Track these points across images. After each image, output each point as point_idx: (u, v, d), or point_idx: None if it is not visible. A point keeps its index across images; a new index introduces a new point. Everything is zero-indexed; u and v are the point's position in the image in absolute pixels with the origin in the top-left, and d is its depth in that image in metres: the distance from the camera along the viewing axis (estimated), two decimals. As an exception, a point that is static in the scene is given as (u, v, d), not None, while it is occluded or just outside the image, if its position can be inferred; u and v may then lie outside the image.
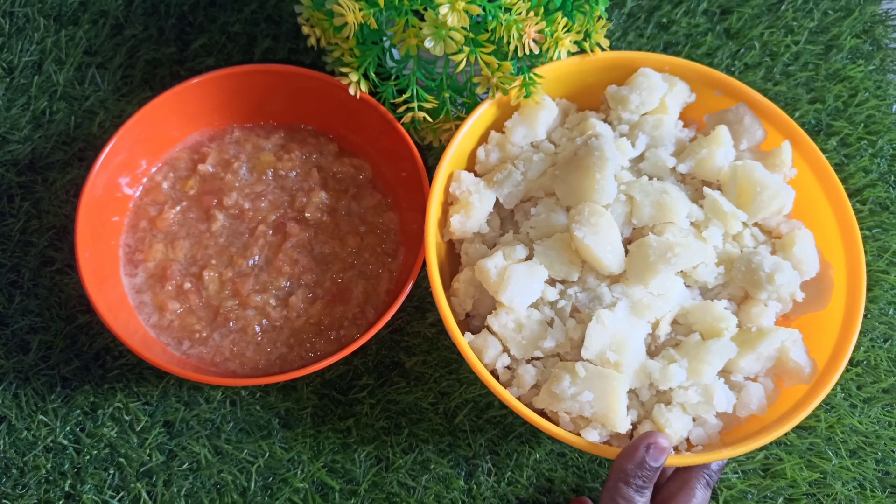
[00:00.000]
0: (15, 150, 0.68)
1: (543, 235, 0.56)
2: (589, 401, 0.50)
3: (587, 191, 0.55)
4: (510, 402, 0.51)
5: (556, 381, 0.51)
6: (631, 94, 0.60)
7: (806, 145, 0.59)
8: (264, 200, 0.64)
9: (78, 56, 0.71)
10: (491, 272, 0.54)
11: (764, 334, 0.53)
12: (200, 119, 0.66)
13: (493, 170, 0.60)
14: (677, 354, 0.52)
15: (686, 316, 0.55)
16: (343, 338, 0.60)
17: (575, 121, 0.62)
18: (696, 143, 0.59)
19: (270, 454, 0.60)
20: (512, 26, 0.55)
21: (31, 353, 0.62)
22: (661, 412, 0.52)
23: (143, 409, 0.61)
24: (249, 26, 0.73)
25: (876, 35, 0.77)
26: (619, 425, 0.51)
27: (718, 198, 0.56)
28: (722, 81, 0.61)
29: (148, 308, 0.61)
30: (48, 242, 0.65)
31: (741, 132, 0.60)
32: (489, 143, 0.61)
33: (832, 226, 0.58)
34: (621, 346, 0.51)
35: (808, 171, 0.59)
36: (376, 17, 0.56)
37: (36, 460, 0.59)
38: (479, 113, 0.59)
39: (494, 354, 0.54)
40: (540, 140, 0.61)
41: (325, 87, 0.64)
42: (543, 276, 0.54)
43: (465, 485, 0.60)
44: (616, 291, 0.54)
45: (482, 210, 0.58)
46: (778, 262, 0.54)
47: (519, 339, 0.54)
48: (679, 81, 0.61)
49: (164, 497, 0.58)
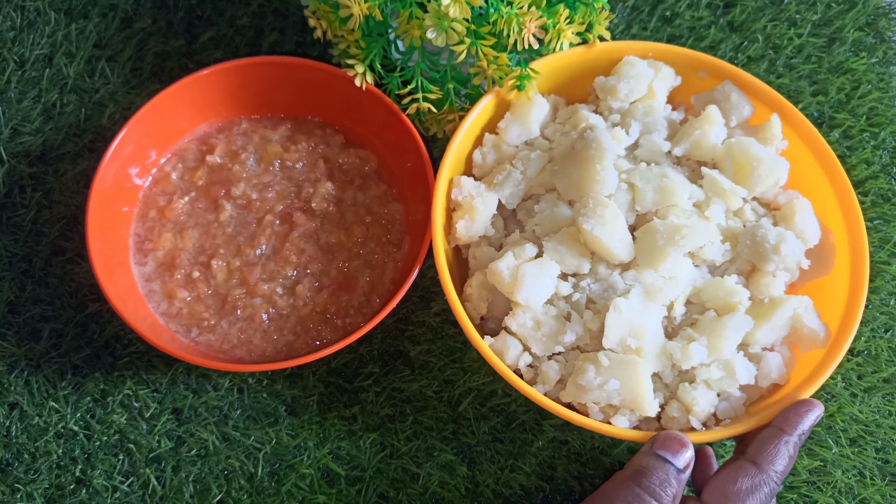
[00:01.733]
0: (26, 141, 0.69)
1: (550, 231, 0.57)
2: (616, 389, 0.51)
3: (589, 183, 0.55)
4: (540, 400, 0.52)
5: (580, 374, 0.52)
6: (619, 83, 0.60)
7: (794, 117, 0.60)
8: (271, 191, 0.65)
9: (88, 49, 0.72)
10: (504, 273, 0.54)
11: (777, 304, 0.54)
12: (209, 111, 0.67)
13: (491, 171, 0.60)
14: (695, 333, 0.53)
15: (698, 295, 0.56)
16: (349, 326, 0.61)
17: (566, 114, 0.62)
18: (688, 125, 0.60)
19: (277, 441, 0.61)
20: (513, 19, 0.56)
21: (42, 341, 0.63)
22: (686, 391, 0.53)
23: (153, 396, 0.62)
24: (257, 19, 0.74)
25: (879, 28, 0.78)
26: (648, 409, 0.52)
27: (717, 176, 0.57)
28: (705, 62, 0.62)
29: (157, 296, 0.62)
30: (59, 232, 0.66)
31: (729, 110, 0.61)
32: (484, 146, 0.61)
33: (828, 193, 0.59)
34: (640, 331, 0.52)
35: (799, 141, 0.60)
36: (381, 8, 0.57)
37: (47, 446, 0.60)
38: (483, 104, 0.60)
39: (516, 354, 0.54)
40: (534, 137, 0.62)
41: (331, 79, 0.64)
42: (556, 272, 0.55)
43: (468, 472, 0.61)
44: (628, 278, 0.55)
45: (486, 213, 0.58)
46: (782, 233, 0.55)
47: (539, 337, 0.54)
48: (664, 66, 0.62)
49: (172, 483, 0.59)
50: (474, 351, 0.63)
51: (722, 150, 0.59)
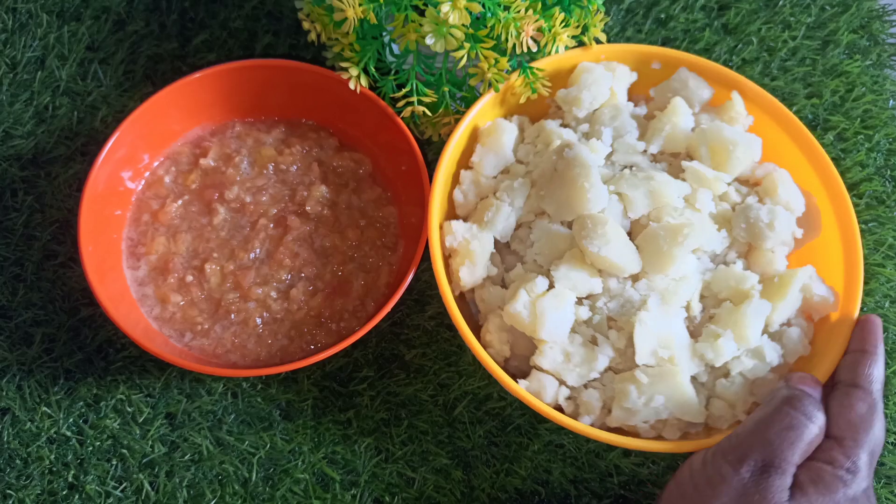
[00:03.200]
0: (18, 144, 0.68)
1: (552, 258, 0.56)
2: (662, 404, 0.51)
3: (580, 202, 0.54)
4: (594, 434, 0.51)
5: (623, 397, 0.51)
6: (581, 92, 0.60)
7: (754, 92, 0.61)
8: (265, 194, 0.65)
9: (80, 52, 0.72)
10: (522, 314, 0.53)
11: (787, 281, 0.54)
12: (202, 114, 0.67)
13: (476, 208, 0.59)
14: (718, 328, 0.53)
15: (709, 287, 0.56)
16: (343, 330, 0.61)
17: (534, 133, 0.62)
18: (657, 121, 0.60)
19: (271, 445, 0.60)
20: (511, 24, 0.56)
21: (34, 346, 0.62)
22: (724, 387, 0.53)
23: (146, 400, 0.61)
24: (250, 22, 0.74)
25: (873, 30, 0.78)
26: (697, 415, 0.52)
27: (699, 167, 0.57)
28: (656, 53, 0.63)
29: (150, 300, 0.61)
30: (51, 236, 0.66)
31: (690, 96, 0.61)
32: (463, 184, 0.60)
33: (803, 164, 0.60)
34: (668, 340, 0.52)
35: (765, 118, 0.61)
36: (376, 12, 0.57)
37: (39, 451, 0.59)
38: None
39: (553, 391, 0.54)
40: (510, 164, 0.61)
41: (325, 82, 0.64)
42: (572, 300, 0.54)
43: (463, 476, 0.60)
44: (641, 288, 0.54)
45: (484, 254, 0.57)
46: (772, 209, 0.56)
47: (571, 368, 0.53)
48: (618, 65, 0.62)
49: (166, 488, 0.59)
50: (469, 354, 0.63)
51: (695, 139, 0.59)
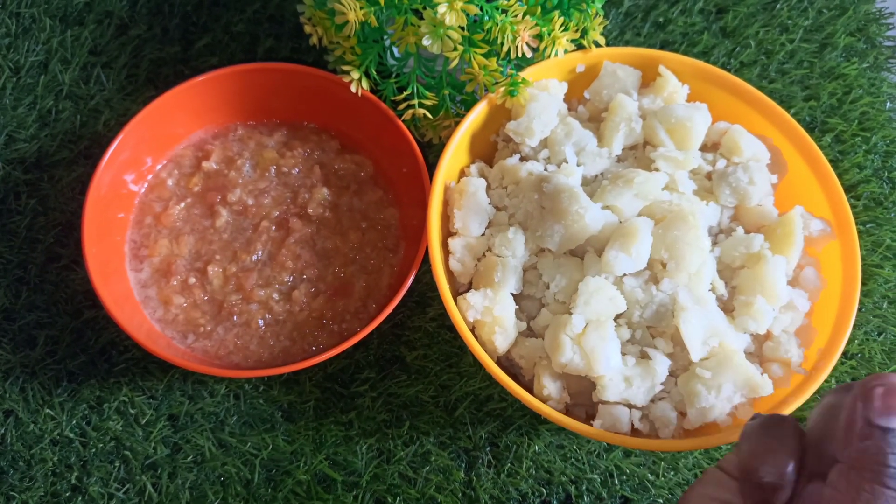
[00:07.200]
0: (22, 148, 0.69)
1: (571, 291, 0.55)
2: (734, 391, 0.52)
3: (578, 231, 0.54)
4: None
5: (694, 397, 0.52)
6: (531, 122, 0.59)
7: (679, 61, 0.62)
8: (267, 197, 0.65)
9: (83, 56, 0.72)
10: (574, 360, 0.52)
11: (789, 229, 0.56)
12: (204, 117, 0.67)
13: (477, 272, 0.58)
14: (749, 297, 0.54)
15: (721, 261, 0.56)
16: (345, 331, 0.61)
17: (498, 175, 0.61)
18: (607, 125, 0.61)
19: (274, 447, 0.60)
20: (507, 27, 0.56)
21: (37, 348, 0.62)
22: (773, 348, 0.55)
23: (149, 402, 0.61)
24: (252, 26, 0.75)
25: (870, 33, 0.78)
26: (765, 388, 0.52)
27: (668, 153, 0.58)
28: (578, 59, 0.63)
29: (153, 302, 0.62)
30: (54, 239, 0.66)
31: (623, 86, 0.62)
32: (456, 254, 0.58)
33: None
34: (713, 328, 0.53)
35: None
36: (377, 15, 0.57)
37: (43, 453, 0.60)
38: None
39: (627, 420, 0.53)
40: (492, 215, 0.59)
41: (326, 85, 0.65)
42: (612, 326, 0.53)
43: (465, 476, 0.61)
44: (666, 288, 0.54)
45: (510, 315, 0.56)
46: (748, 167, 0.57)
47: (636, 391, 0.53)
48: (550, 82, 0.62)
49: (168, 489, 0.59)
50: (470, 355, 0.63)
51: (650, 128, 0.60)
